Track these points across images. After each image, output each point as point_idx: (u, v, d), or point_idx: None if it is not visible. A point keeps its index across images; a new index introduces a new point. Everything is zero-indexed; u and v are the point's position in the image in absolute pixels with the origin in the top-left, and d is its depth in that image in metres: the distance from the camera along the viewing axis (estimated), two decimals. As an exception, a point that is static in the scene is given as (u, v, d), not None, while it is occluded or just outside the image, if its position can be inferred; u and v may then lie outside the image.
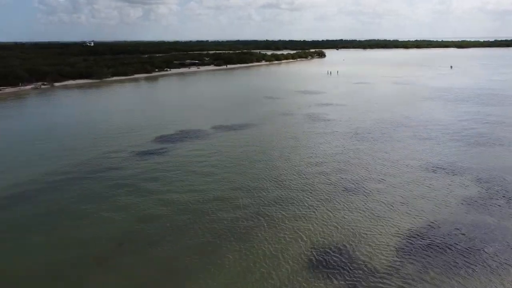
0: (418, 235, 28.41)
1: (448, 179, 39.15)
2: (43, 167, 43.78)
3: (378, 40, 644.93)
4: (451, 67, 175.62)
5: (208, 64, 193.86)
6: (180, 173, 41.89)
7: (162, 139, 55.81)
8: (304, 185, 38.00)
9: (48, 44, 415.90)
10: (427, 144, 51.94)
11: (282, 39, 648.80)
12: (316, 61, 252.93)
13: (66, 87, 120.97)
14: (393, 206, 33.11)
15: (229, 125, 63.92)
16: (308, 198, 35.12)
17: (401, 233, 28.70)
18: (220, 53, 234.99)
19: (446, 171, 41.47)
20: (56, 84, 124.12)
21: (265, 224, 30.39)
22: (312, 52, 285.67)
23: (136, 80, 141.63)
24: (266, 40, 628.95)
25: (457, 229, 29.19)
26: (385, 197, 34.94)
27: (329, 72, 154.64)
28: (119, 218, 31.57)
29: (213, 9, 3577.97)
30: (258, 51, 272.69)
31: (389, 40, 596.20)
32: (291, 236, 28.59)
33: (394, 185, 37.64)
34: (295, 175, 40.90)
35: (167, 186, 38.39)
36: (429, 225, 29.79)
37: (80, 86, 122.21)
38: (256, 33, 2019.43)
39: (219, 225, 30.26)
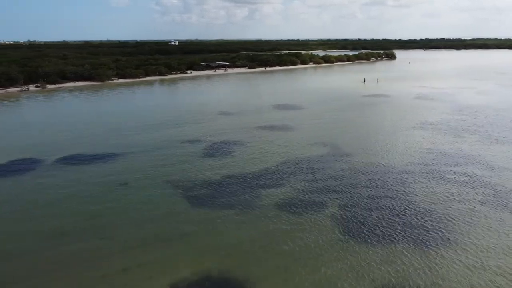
0: None
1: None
2: None
3: (495, 39, 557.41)
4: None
5: (241, 67, 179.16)
6: None
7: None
8: None
9: (134, 43, 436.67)
10: None
11: (385, 38, 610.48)
12: (378, 63, 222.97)
13: (58, 89, 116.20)
14: None
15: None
16: None
17: None
18: (262, 54, 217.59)
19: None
20: (52, 86, 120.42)
21: None
22: (376, 53, 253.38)
23: (140, 83, 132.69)
24: (360, 39, 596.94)
25: None
26: None
27: (365, 80, 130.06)
28: None
29: (316, 8, 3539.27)
30: (310, 52, 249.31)
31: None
32: None
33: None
34: None
35: None
36: None
37: (75, 89, 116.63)
38: (359, 31, 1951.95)
39: None
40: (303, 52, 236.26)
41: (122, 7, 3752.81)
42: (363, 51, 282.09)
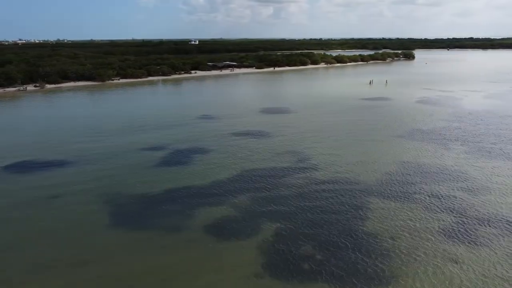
0: None
1: None
2: None
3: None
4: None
5: (248, 67, 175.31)
6: None
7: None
8: None
9: (156, 42, 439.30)
10: None
11: (411, 37, 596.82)
12: (395, 64, 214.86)
13: (56, 89, 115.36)
14: None
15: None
16: None
17: None
18: (270, 54, 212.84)
19: None
20: (51, 86, 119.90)
21: None
22: (393, 53, 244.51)
23: (141, 84, 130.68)
24: (385, 38, 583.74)
25: None
26: None
27: (371, 82, 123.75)
28: None
29: (342, 7, 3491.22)
30: (322, 51, 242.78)
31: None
32: None
33: None
34: None
35: None
36: None
37: (73, 89, 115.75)
38: (387, 30, 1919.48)
39: None
40: (315, 52, 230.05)
41: (150, 7, 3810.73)
42: (380, 51, 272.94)
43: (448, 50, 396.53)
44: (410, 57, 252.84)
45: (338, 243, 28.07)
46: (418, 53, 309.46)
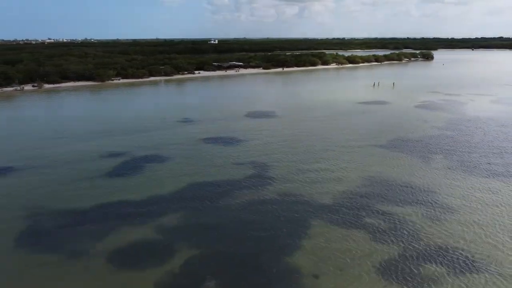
0: None
1: None
2: None
3: None
4: None
5: (255, 67, 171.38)
6: None
7: None
8: None
9: (178, 41, 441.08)
10: None
11: (436, 37, 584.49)
12: (411, 65, 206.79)
13: (54, 89, 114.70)
14: None
15: None
16: None
17: None
18: (279, 54, 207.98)
19: None
20: (49, 86, 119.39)
21: None
22: (409, 54, 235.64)
23: (141, 84, 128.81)
24: (409, 38, 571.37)
25: None
26: None
27: (376, 84, 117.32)
28: None
29: (369, 5, 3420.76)
30: (334, 52, 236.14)
31: None
32: None
33: None
34: None
35: None
36: None
37: (70, 89, 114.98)
38: (413, 29, 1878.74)
39: None
40: (330, 51, 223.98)
41: (175, 7, 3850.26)
42: (398, 51, 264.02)
43: (472, 50, 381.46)
44: (429, 57, 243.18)
45: (251, 284, 24.10)
46: (440, 53, 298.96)
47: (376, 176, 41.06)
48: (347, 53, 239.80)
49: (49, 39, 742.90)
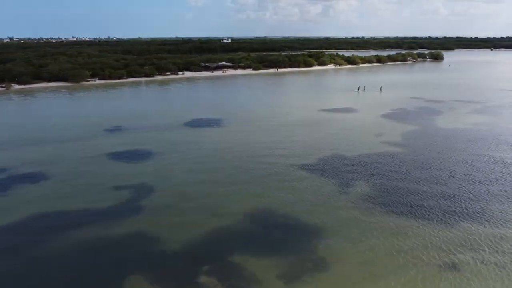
0: None
1: None
2: None
3: None
4: None
5: (245, 68, 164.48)
6: None
7: None
8: None
9: (196, 40, 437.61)
10: None
11: (459, 36, 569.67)
12: (418, 66, 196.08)
13: (23, 91, 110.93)
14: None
15: None
16: None
17: None
18: (272, 54, 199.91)
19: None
20: (19, 87, 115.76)
21: None
22: (416, 54, 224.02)
23: (117, 85, 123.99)
24: (431, 37, 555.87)
25: None
26: None
27: (361, 89, 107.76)
28: None
29: (395, 4, 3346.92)
30: (336, 52, 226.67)
31: None
32: None
33: None
34: None
35: None
36: None
37: (41, 90, 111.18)
38: (441, 29, 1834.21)
39: None
40: (326, 52, 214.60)
41: (200, 6, 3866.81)
42: (403, 51, 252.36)
43: (491, 50, 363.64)
44: (439, 58, 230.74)
45: None
46: (454, 54, 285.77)
47: (262, 208, 33.73)
48: (360, 53, 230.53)
49: (73, 37, 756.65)
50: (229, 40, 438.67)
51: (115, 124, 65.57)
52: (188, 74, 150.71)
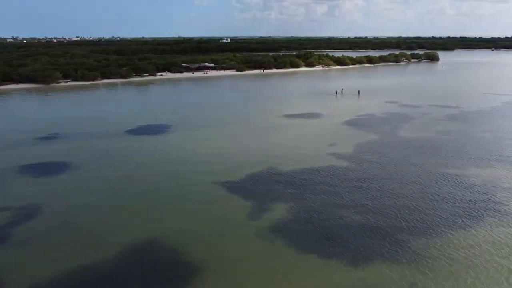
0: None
1: None
2: None
3: None
4: None
5: (228, 69, 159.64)
6: None
7: None
8: None
9: (197, 39, 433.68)
10: None
11: (464, 36, 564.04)
12: (412, 67, 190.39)
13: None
14: None
15: None
16: None
17: None
18: (258, 54, 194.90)
19: None
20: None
21: None
22: (409, 55, 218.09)
23: (89, 87, 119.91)
24: (434, 37, 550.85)
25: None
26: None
27: (339, 92, 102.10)
28: None
29: (400, 4, 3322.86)
30: (325, 53, 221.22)
31: None
32: None
33: None
34: None
35: None
36: None
37: (8, 92, 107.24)
38: (447, 29, 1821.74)
39: None
40: (324, 52, 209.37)
41: (204, 6, 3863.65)
42: (396, 51, 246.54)
43: (492, 50, 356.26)
44: (434, 59, 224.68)
45: None
46: (453, 55, 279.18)
47: (147, 240, 28.88)
48: (358, 54, 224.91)
49: (77, 37, 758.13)
50: (228, 40, 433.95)
51: (53, 131, 61.08)
52: (168, 75, 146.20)
